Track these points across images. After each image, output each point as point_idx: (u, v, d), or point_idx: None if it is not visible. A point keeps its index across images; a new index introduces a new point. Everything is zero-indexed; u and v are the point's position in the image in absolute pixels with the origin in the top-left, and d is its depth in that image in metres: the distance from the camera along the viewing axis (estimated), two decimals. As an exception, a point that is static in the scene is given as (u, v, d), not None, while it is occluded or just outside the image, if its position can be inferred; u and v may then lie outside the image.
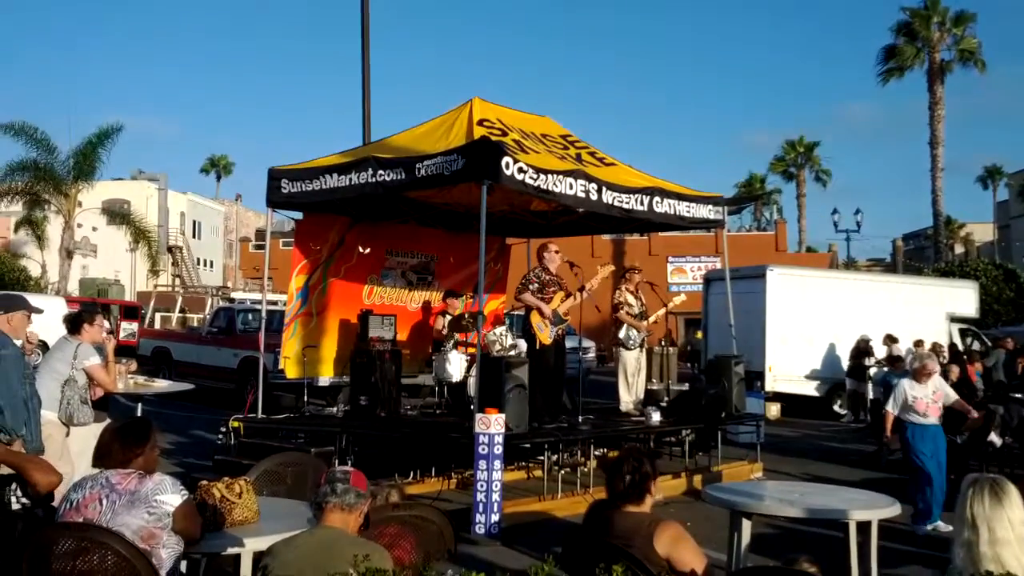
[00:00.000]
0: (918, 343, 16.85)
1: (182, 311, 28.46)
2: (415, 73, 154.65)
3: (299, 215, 11.17)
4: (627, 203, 9.69)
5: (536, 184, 8.62)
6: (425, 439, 9.64)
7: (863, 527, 5.64)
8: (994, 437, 11.52)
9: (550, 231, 12.80)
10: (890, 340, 17.18)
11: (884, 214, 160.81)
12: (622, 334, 11.09)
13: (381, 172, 9.11)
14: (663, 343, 12.44)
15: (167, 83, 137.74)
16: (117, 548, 3.80)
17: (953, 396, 8.89)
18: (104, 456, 4.22)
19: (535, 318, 9.84)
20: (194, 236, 58.03)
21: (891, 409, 8.77)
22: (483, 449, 7.66)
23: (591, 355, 19.26)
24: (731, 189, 61.59)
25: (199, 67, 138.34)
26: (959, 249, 76.19)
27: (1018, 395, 13.77)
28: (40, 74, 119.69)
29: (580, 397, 10.58)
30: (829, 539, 6.09)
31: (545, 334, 9.82)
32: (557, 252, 10.19)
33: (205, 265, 59.16)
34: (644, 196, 9.91)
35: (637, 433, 10.26)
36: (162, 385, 10.32)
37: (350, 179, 9.40)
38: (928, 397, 8.57)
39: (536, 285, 9.93)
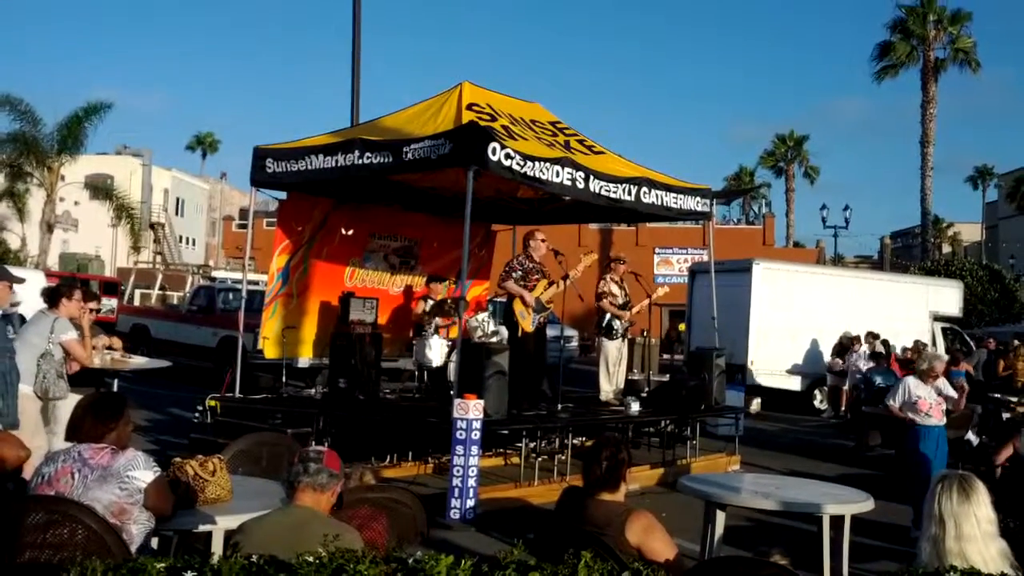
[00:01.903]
0: (872, 337, 17.04)
1: (162, 288, 28.32)
2: (406, 56, 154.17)
3: (283, 195, 11.11)
4: (614, 192, 9.67)
5: (523, 171, 8.59)
6: (403, 423, 9.62)
7: (837, 521, 5.66)
8: (971, 436, 11.61)
9: (537, 218, 12.77)
10: (872, 337, 17.27)
11: (873, 211, 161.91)
12: (605, 324, 11.09)
13: (368, 154, 9.06)
14: (645, 334, 12.45)
15: (154, 58, 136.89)
16: (88, 522, 3.79)
17: (953, 395, 8.92)
18: (77, 430, 4.20)
19: (517, 305, 9.83)
20: (177, 213, 57.67)
21: (893, 403, 8.69)
22: (461, 434, 7.65)
23: (574, 344, 19.26)
24: (720, 182, 61.87)
25: (187, 42, 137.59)
26: (946, 248, 76.63)
27: (997, 395, 13.89)
28: (23, 47, 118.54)
29: (560, 385, 10.58)
30: (803, 532, 6.12)
31: (527, 322, 9.81)
32: (543, 241, 10.17)
33: (187, 243, 58.80)
34: (632, 186, 9.89)
35: (616, 423, 10.26)
36: (139, 362, 10.25)
37: (336, 160, 9.34)
38: (932, 398, 8.54)
39: (519, 273, 9.91)
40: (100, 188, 34.88)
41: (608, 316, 11.05)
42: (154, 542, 4.33)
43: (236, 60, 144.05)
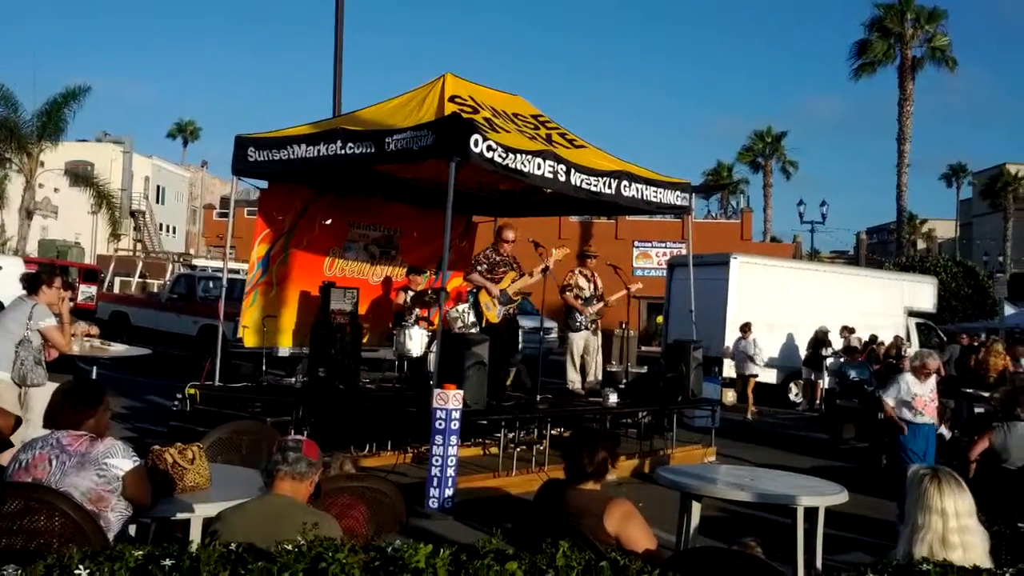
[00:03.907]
0: (849, 331, 17.18)
1: (142, 276, 28.17)
2: (389, 48, 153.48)
3: (264, 184, 11.07)
4: (595, 186, 9.71)
5: (505, 163, 8.60)
6: (383, 413, 9.64)
7: (811, 513, 5.72)
8: (944, 430, 11.74)
9: (518, 210, 12.79)
10: (847, 331, 17.42)
11: (849, 207, 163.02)
12: (569, 316, 11.17)
13: (350, 144, 9.05)
14: (624, 326, 12.50)
15: (137, 44, 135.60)
16: (65, 509, 3.78)
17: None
18: (55, 417, 4.20)
19: (483, 297, 9.94)
20: (158, 201, 57.29)
21: (890, 401, 8.73)
22: (440, 424, 7.67)
23: (553, 335, 19.26)
24: (699, 176, 61.90)
25: (169, 29, 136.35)
26: (921, 245, 77.24)
27: (969, 390, 14.05)
28: (2, 33, 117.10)
29: (540, 376, 10.63)
30: (778, 524, 6.19)
31: (492, 313, 9.89)
32: (512, 238, 10.18)
33: (168, 231, 58.44)
34: (612, 179, 9.94)
35: (594, 414, 10.32)
36: (119, 349, 10.20)
37: (318, 150, 9.32)
38: (927, 395, 8.60)
39: (485, 266, 10.01)
40: (80, 175, 34.59)
41: (572, 309, 11.14)
42: (132, 530, 4.33)
43: (219, 47, 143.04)
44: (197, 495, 4.47)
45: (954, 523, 3.35)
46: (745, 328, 16.55)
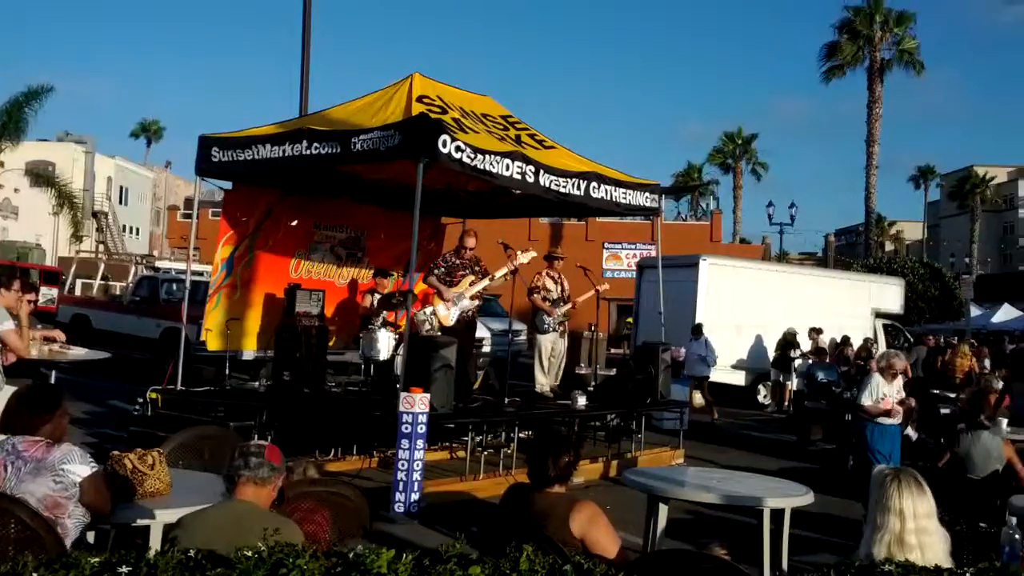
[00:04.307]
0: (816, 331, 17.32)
1: (104, 278, 27.78)
2: (356, 47, 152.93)
3: (229, 184, 10.96)
4: (564, 187, 9.70)
5: (473, 164, 8.56)
6: (348, 417, 9.56)
7: (777, 514, 5.73)
8: (910, 431, 11.85)
9: (487, 212, 12.77)
10: (815, 332, 17.56)
11: (818, 209, 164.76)
12: (537, 318, 11.16)
13: (315, 145, 8.96)
14: (593, 328, 12.49)
15: (99, 43, 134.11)
16: (20, 516, 3.74)
17: (902, 395, 9.07)
18: (10, 422, 4.13)
19: (436, 300, 9.98)
20: (121, 202, 56.66)
21: (868, 402, 8.79)
22: (406, 428, 7.61)
23: (522, 337, 19.28)
24: (669, 178, 62.45)
25: (133, 26, 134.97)
26: (889, 246, 78.27)
27: (935, 391, 14.21)
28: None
29: (508, 379, 10.59)
30: (745, 525, 6.19)
31: (446, 317, 9.93)
32: (472, 245, 10.23)
33: (131, 232, 57.80)
34: (581, 180, 9.93)
35: (562, 417, 10.30)
36: (79, 353, 10.04)
37: (283, 150, 9.23)
38: (894, 396, 8.70)
39: (442, 269, 10.11)
40: (41, 175, 34.07)
41: (539, 311, 11.14)
42: (91, 536, 4.26)
43: (183, 46, 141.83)
44: (158, 501, 4.41)
45: (912, 524, 3.36)
46: (697, 330, 16.47)
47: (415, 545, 2.83)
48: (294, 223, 11.49)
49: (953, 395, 13.73)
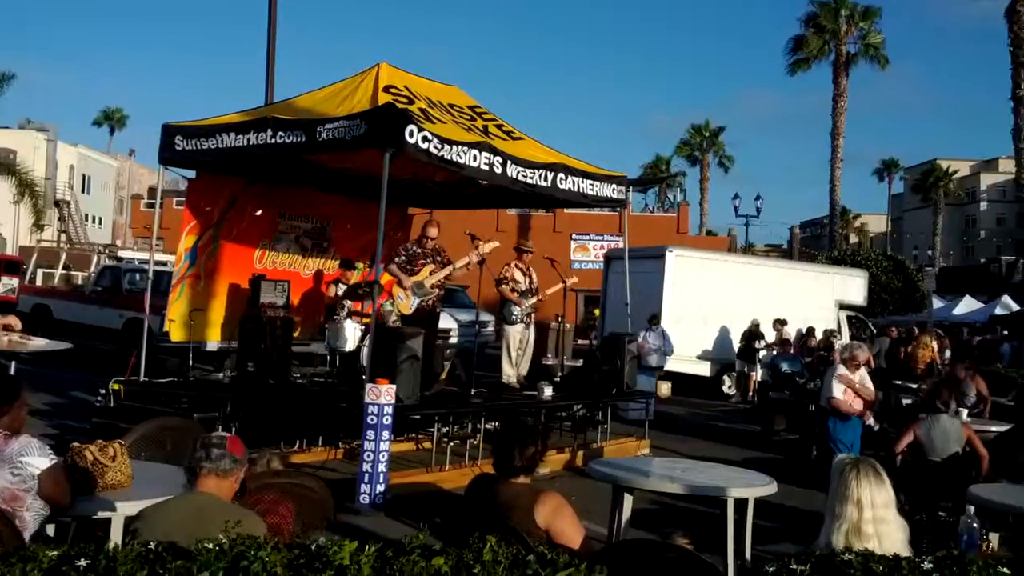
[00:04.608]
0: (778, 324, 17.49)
1: (66, 268, 27.35)
2: (324, 35, 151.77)
3: (192, 173, 10.84)
4: (531, 178, 9.69)
5: (440, 154, 8.53)
6: (314, 408, 9.51)
7: (740, 504, 5.78)
8: (871, 421, 11.99)
9: (454, 202, 12.73)
10: (780, 324, 17.70)
11: (783, 201, 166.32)
12: (505, 309, 11.16)
13: (280, 134, 8.89)
14: (560, 319, 12.51)
15: (62, 29, 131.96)
16: (-24, 510, 3.65)
17: (871, 387, 9.17)
18: (-34, 414, 4.04)
19: (396, 289, 9.98)
20: (83, 191, 55.85)
21: (839, 395, 8.90)
22: (372, 419, 7.59)
23: (489, 328, 19.24)
24: (637, 170, 62.65)
25: (96, 13, 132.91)
26: (853, 239, 79.13)
27: (898, 382, 14.37)
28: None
29: (475, 370, 10.59)
30: (709, 515, 6.24)
31: (405, 304, 9.91)
32: (434, 235, 10.22)
33: (94, 222, 57.01)
34: (548, 172, 9.92)
35: (529, 407, 10.32)
36: (39, 344, 9.89)
37: (247, 139, 9.15)
38: (840, 391, 8.82)
39: (403, 258, 10.08)
40: (2, 163, 33.43)
41: (508, 302, 11.14)
42: (51, 530, 4.21)
43: (148, 32, 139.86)
44: (119, 493, 4.36)
45: (869, 513, 3.39)
46: (653, 320, 16.42)
47: (380, 537, 2.82)
48: (259, 213, 11.39)
49: (915, 386, 13.91)
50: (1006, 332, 26.78)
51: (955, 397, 9.75)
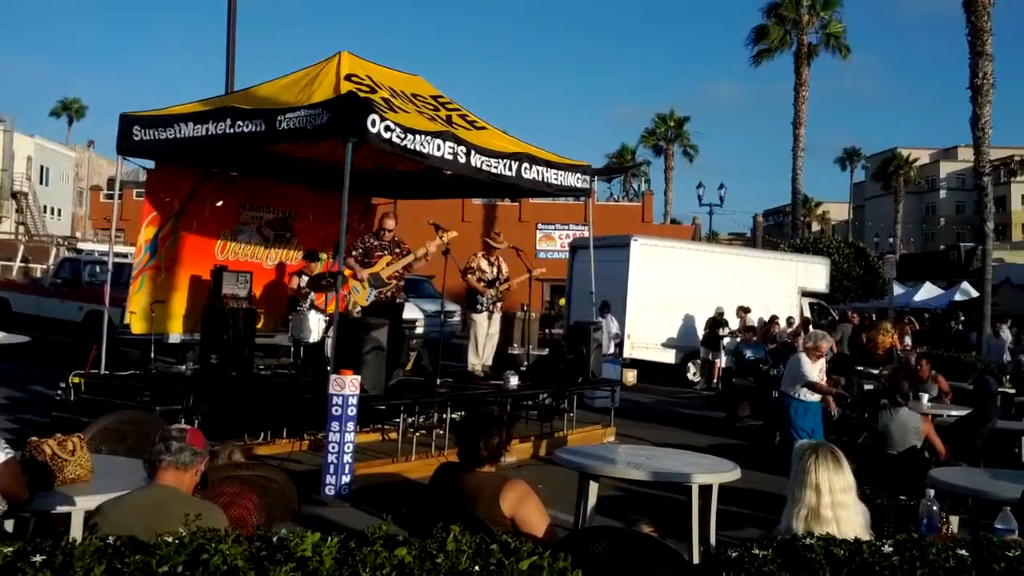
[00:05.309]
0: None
1: (24, 260, 26.92)
2: (285, 24, 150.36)
3: (151, 164, 10.69)
4: (495, 168, 9.67)
5: (403, 144, 8.48)
6: (277, 400, 9.44)
7: (705, 490, 5.82)
8: (832, 408, 12.12)
9: (419, 192, 12.68)
10: (743, 311, 17.85)
11: (747, 190, 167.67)
12: (471, 299, 11.15)
13: (239, 123, 8.79)
14: (525, 308, 12.51)
15: (17, 18, 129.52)
16: (-70, 506, 3.58)
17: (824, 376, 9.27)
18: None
19: (352, 282, 9.93)
20: (41, 182, 55.01)
21: (815, 378, 9.00)
22: (336, 410, 7.54)
23: (456, 319, 19.22)
24: (602, 159, 62.63)
25: (52, 2, 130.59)
26: (816, 227, 79.86)
27: (859, 368, 14.56)
28: None
29: (440, 360, 10.57)
30: (674, 501, 6.27)
31: (361, 296, 9.87)
32: (391, 226, 10.18)
33: (52, 213, 56.19)
34: (513, 161, 9.91)
35: (494, 397, 10.32)
36: (-4, 337, 9.75)
37: (206, 129, 9.04)
38: (816, 376, 8.91)
39: (359, 250, 10.00)
40: (-45, 154, 32.89)
41: (474, 292, 11.13)
42: (9, 525, 4.14)
43: (106, 20, 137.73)
44: (79, 487, 4.32)
45: (828, 498, 3.43)
46: (604, 307, 16.35)
47: (345, 528, 2.81)
48: (220, 203, 11.27)
49: (876, 371, 14.10)
50: (963, 318, 27.21)
51: (912, 389, 9.93)
